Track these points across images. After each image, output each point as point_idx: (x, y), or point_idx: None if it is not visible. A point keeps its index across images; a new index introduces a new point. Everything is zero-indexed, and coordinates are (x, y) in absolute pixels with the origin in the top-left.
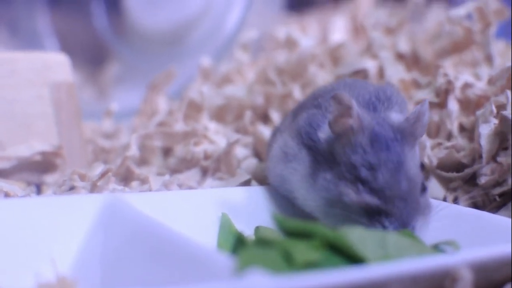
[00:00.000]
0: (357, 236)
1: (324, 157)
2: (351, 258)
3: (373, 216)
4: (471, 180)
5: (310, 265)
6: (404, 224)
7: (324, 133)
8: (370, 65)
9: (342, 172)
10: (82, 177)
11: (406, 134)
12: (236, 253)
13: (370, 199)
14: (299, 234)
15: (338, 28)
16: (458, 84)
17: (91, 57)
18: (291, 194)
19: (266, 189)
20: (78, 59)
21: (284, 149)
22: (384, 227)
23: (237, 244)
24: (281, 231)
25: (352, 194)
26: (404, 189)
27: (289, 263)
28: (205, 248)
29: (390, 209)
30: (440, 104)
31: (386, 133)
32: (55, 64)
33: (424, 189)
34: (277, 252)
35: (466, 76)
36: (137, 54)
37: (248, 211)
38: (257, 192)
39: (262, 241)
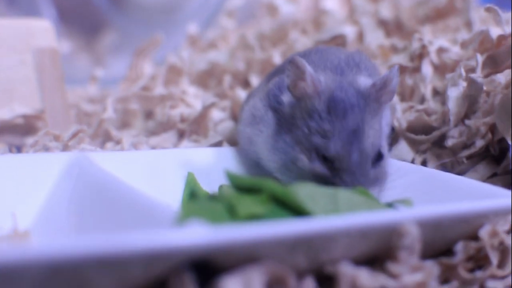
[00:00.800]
0: (306, 192)
1: (286, 121)
2: (300, 214)
3: (323, 183)
4: (440, 143)
5: (254, 219)
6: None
7: (288, 97)
8: (348, 30)
9: (299, 136)
10: (56, 138)
11: (370, 99)
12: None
13: (320, 168)
14: (250, 190)
15: None
16: (433, 48)
17: (87, 25)
18: (257, 155)
19: (234, 150)
20: (75, 27)
21: (253, 111)
22: None
23: (191, 198)
24: (233, 187)
25: (304, 161)
26: (354, 161)
27: (232, 216)
28: (151, 200)
29: (337, 181)
30: (415, 69)
31: (345, 99)
32: (39, 31)
33: (379, 157)
34: (221, 206)
35: (442, 41)
36: (132, 22)
37: (214, 171)
38: (224, 153)
39: (211, 197)
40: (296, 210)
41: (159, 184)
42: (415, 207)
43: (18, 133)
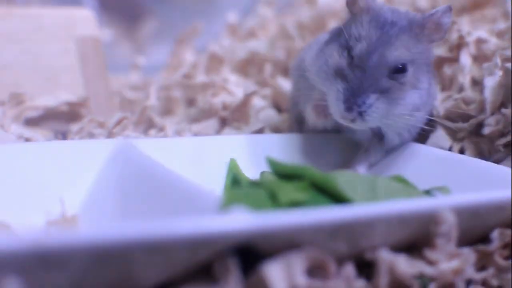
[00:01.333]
0: (346, 179)
1: (336, 35)
2: (340, 201)
3: (339, 77)
4: (477, 131)
5: (295, 206)
6: (354, 92)
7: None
8: None
9: (341, 42)
10: (101, 125)
11: (415, 24)
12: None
13: (341, 61)
14: (291, 176)
15: None
16: (471, 39)
17: (128, 13)
18: (304, 72)
19: (276, 137)
20: (116, 15)
21: (312, 43)
22: (337, 89)
23: (233, 185)
24: (274, 173)
25: (335, 56)
26: (371, 63)
27: (274, 203)
28: (196, 186)
29: (348, 74)
30: (454, 59)
31: (388, 16)
32: (81, 20)
33: (401, 70)
34: (263, 192)
35: (480, 32)
36: (172, 10)
37: (256, 157)
38: (266, 140)
39: (253, 184)
40: (335, 197)
41: (202, 170)
42: (452, 195)
43: (63, 119)
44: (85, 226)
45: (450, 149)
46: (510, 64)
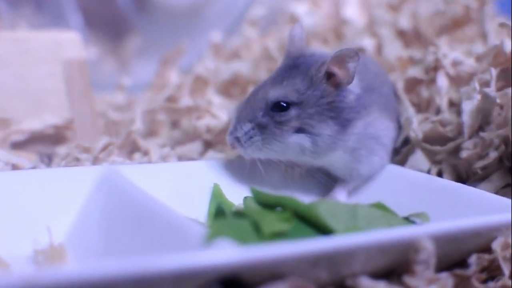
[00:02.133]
0: (327, 208)
1: None
2: (322, 230)
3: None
4: (455, 154)
5: (278, 236)
6: (236, 120)
7: None
8: (367, 43)
9: None
10: (86, 150)
11: (312, 69)
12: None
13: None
14: (273, 206)
15: (351, 3)
16: (447, 61)
17: (113, 30)
18: None
19: (260, 161)
20: (100, 32)
21: None
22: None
23: (218, 214)
24: (257, 202)
25: None
26: (255, 97)
27: (258, 234)
28: (180, 217)
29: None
30: (430, 81)
31: (296, 61)
32: (67, 42)
33: (280, 108)
34: (247, 223)
35: (456, 53)
36: (157, 27)
37: (241, 182)
38: (250, 164)
39: (237, 213)
40: (317, 226)
41: (187, 196)
42: (430, 223)
43: (48, 142)
44: (72, 260)
45: (428, 172)
46: (489, 89)
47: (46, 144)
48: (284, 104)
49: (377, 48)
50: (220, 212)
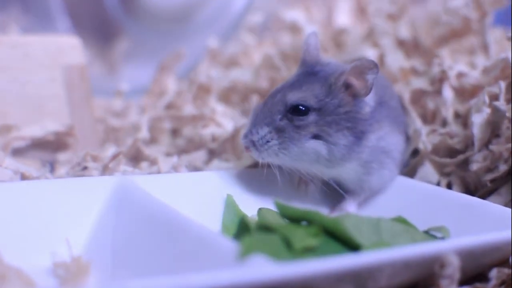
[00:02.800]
0: (352, 222)
1: None
2: (347, 243)
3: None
4: (464, 166)
5: (308, 250)
6: (252, 123)
7: None
8: (370, 53)
9: None
10: (94, 158)
11: (331, 77)
12: (239, 235)
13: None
14: (298, 220)
15: (343, 10)
16: (452, 73)
17: (101, 33)
18: None
19: (270, 171)
20: (88, 35)
21: None
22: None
23: (241, 227)
24: (281, 216)
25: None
26: (272, 100)
27: (289, 249)
28: (211, 232)
29: (256, 107)
30: (436, 92)
31: (314, 68)
32: (67, 47)
33: (298, 112)
34: (277, 238)
35: (461, 65)
36: (146, 31)
37: (253, 192)
38: (261, 174)
39: (263, 227)
40: (342, 240)
41: (200, 207)
42: (454, 238)
43: (50, 149)
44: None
45: (438, 184)
46: (499, 102)
47: (47, 151)
48: (303, 108)
49: (379, 58)
50: (243, 225)
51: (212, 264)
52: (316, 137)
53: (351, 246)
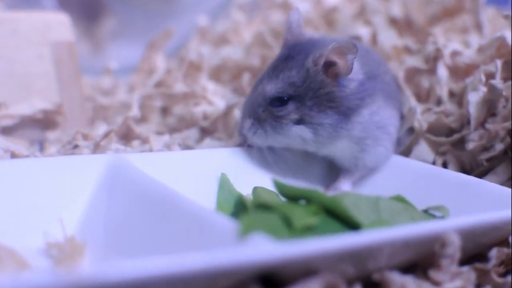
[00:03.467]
0: (351, 201)
1: None
2: (346, 222)
3: None
4: (460, 145)
5: (307, 229)
6: (242, 116)
7: None
8: (363, 32)
9: None
10: (85, 137)
11: (309, 60)
12: (236, 214)
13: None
14: (297, 198)
15: None
16: (447, 52)
17: (87, 11)
18: None
19: (263, 150)
20: (74, 13)
21: None
22: None
23: (238, 206)
24: (280, 195)
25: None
26: (255, 93)
27: (289, 227)
28: (208, 211)
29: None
30: (430, 71)
31: (292, 50)
32: (55, 24)
33: (278, 104)
34: (277, 217)
35: (455, 44)
36: (132, 9)
37: (247, 171)
38: (254, 153)
39: (262, 205)
40: (341, 219)
41: (194, 185)
42: (455, 217)
43: (39, 127)
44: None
45: (433, 163)
46: (495, 81)
47: (35, 129)
48: (282, 99)
49: (372, 36)
50: (240, 204)
51: (209, 243)
52: (299, 122)
53: (350, 224)
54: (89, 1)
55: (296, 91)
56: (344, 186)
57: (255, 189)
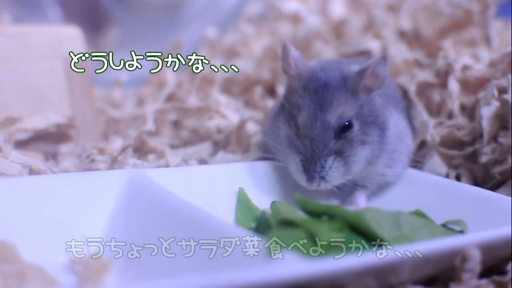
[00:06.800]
0: (373, 216)
1: (283, 104)
2: (368, 237)
3: (293, 147)
4: (472, 158)
5: (333, 246)
6: (310, 162)
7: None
8: (374, 45)
9: (286, 112)
10: (101, 151)
11: (349, 81)
12: (258, 229)
13: (289, 133)
14: (320, 214)
15: (338, 0)
16: (458, 66)
17: (92, 22)
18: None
19: (278, 163)
20: (78, 24)
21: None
22: (295, 161)
23: (260, 221)
24: (303, 211)
25: (283, 128)
26: (315, 130)
27: (314, 244)
28: (236, 228)
29: (298, 145)
30: (441, 85)
31: (320, 79)
32: (67, 37)
33: (346, 128)
34: (302, 233)
35: (465, 58)
36: (137, 19)
37: (264, 185)
38: (271, 167)
39: (286, 222)
40: (364, 234)
41: (212, 200)
42: (474, 232)
43: (52, 141)
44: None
45: (447, 176)
46: (508, 95)
47: (48, 142)
48: (347, 123)
49: (382, 50)
50: (262, 220)
51: (236, 261)
52: (361, 142)
53: (372, 239)
54: (94, 11)
55: (353, 111)
56: (361, 200)
57: (274, 203)
